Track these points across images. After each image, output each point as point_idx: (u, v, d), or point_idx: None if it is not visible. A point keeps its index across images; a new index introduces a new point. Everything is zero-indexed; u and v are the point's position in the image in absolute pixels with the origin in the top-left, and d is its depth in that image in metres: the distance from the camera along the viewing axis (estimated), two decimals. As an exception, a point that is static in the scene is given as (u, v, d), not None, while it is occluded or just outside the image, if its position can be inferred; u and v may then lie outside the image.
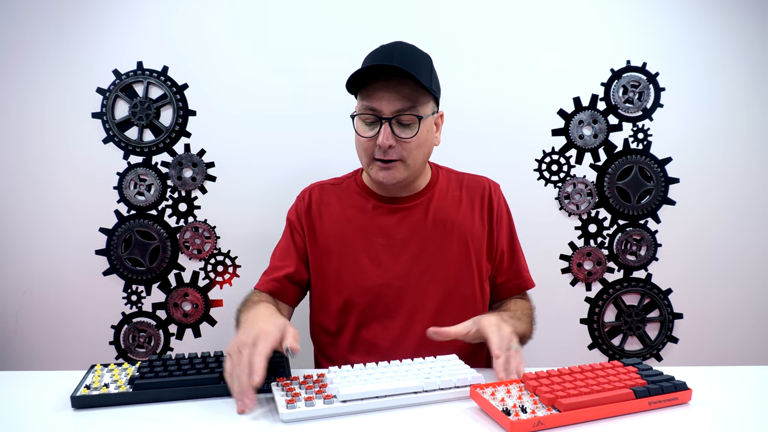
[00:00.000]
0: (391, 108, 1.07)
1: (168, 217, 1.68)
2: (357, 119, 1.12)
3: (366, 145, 1.11)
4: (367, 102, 1.09)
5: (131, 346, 1.70)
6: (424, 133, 1.11)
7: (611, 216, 1.74)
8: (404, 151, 1.10)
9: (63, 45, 1.60)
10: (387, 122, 1.07)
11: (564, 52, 1.68)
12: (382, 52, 1.11)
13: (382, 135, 1.07)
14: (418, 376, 0.87)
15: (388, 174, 1.11)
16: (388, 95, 1.06)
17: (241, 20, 1.63)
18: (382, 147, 1.08)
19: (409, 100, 1.07)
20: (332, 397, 0.81)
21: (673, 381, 0.84)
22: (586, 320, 1.77)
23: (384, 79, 1.07)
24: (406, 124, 1.09)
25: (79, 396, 0.82)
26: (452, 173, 1.30)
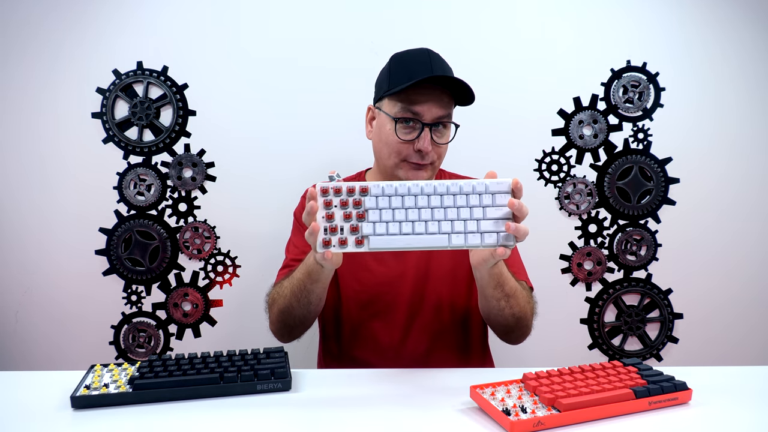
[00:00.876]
0: (433, 115, 1.10)
1: (168, 217, 1.68)
2: (397, 123, 1.12)
3: (399, 147, 1.12)
4: (410, 106, 1.10)
5: (131, 346, 1.70)
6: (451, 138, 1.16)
7: (611, 216, 1.74)
8: (436, 155, 1.13)
9: (63, 45, 1.60)
10: (428, 128, 1.10)
11: (564, 52, 1.68)
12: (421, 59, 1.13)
13: (424, 140, 1.10)
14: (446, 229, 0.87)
15: (418, 175, 1.13)
16: (431, 102, 1.10)
17: (241, 20, 1.63)
18: (424, 151, 1.10)
19: (448, 108, 1.12)
20: (363, 243, 0.86)
21: (673, 381, 0.84)
22: (586, 320, 1.77)
23: (429, 87, 1.10)
24: (442, 128, 1.13)
25: (78, 396, 0.82)
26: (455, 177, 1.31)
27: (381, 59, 1.64)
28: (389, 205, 0.87)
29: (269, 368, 0.89)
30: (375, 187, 0.88)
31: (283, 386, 0.89)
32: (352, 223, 0.87)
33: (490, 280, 1.00)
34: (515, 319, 1.08)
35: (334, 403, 0.85)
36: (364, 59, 1.63)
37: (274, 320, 1.14)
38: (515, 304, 1.05)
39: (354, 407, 0.84)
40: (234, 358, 0.93)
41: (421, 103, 1.09)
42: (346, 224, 0.87)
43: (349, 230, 0.86)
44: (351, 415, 0.81)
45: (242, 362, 0.91)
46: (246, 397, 0.86)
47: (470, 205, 0.88)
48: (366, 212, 0.87)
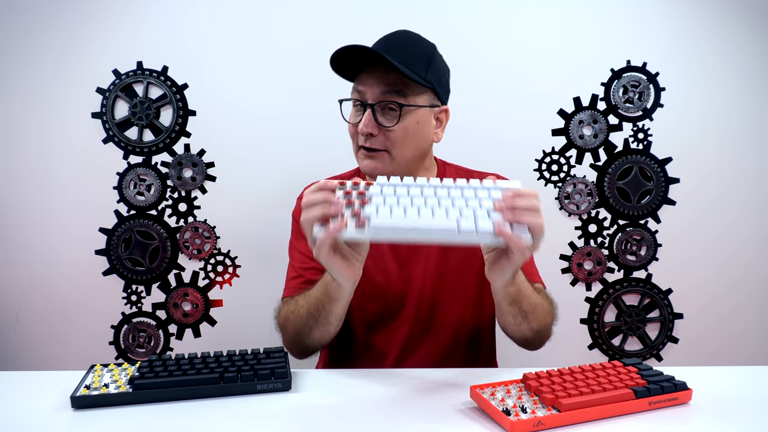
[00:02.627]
0: (375, 93, 1.04)
1: (168, 217, 1.68)
2: (348, 104, 1.09)
3: (352, 130, 1.09)
4: (356, 86, 1.07)
5: (131, 346, 1.70)
6: (412, 123, 1.06)
7: (611, 216, 1.74)
8: (388, 141, 1.05)
9: (63, 45, 1.60)
10: (370, 108, 1.04)
11: (564, 52, 1.68)
12: (380, 40, 1.10)
13: (363, 121, 1.04)
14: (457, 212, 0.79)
15: (371, 163, 1.07)
16: (372, 80, 1.04)
17: (241, 20, 1.63)
18: (362, 133, 1.05)
19: (395, 86, 1.03)
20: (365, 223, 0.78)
21: (673, 381, 0.84)
22: (586, 320, 1.77)
23: (373, 66, 1.05)
24: (391, 111, 1.05)
25: (78, 396, 0.82)
26: (460, 170, 1.25)
27: (381, 59, 1.65)
28: (394, 193, 0.82)
29: (269, 368, 0.89)
30: (381, 178, 0.85)
31: (283, 386, 0.88)
32: (354, 208, 0.80)
33: (506, 297, 0.93)
34: (534, 333, 1.02)
35: (334, 403, 0.85)
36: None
37: (290, 340, 1.07)
38: (534, 319, 0.99)
39: (354, 407, 0.84)
40: (234, 358, 0.93)
41: (364, 81, 1.05)
42: (348, 210, 0.80)
43: (351, 214, 0.80)
44: (351, 415, 0.81)
45: (242, 362, 0.91)
46: (246, 397, 0.86)
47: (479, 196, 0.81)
48: (370, 198, 0.81)
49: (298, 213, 1.23)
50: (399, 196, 0.82)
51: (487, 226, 0.77)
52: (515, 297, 0.93)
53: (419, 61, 1.05)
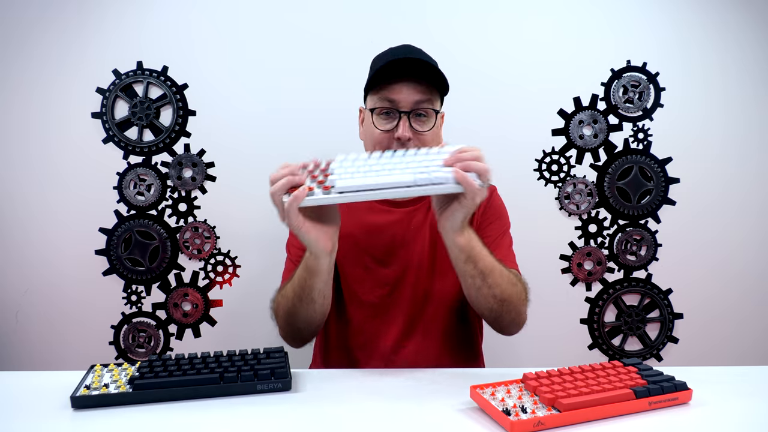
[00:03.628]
0: (411, 100, 1.09)
1: (168, 217, 1.68)
2: (374, 114, 1.12)
3: (381, 138, 1.11)
4: (386, 95, 1.10)
5: (131, 346, 1.70)
6: (437, 127, 1.14)
7: (611, 216, 1.74)
8: (421, 144, 1.10)
9: (63, 45, 1.60)
10: (405, 115, 1.09)
11: (564, 51, 1.68)
12: (398, 50, 1.15)
13: (401, 128, 1.09)
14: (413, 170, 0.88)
15: None
16: (407, 88, 1.09)
17: (241, 20, 1.63)
18: (402, 139, 1.09)
19: (427, 94, 1.10)
20: (330, 188, 0.87)
21: (673, 381, 0.84)
22: (586, 320, 1.77)
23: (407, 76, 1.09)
24: (423, 117, 1.11)
25: (78, 396, 0.82)
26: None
27: (381, 59, 1.65)
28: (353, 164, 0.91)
29: (269, 368, 0.89)
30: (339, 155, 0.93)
31: (283, 386, 0.88)
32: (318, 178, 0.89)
33: (460, 253, 0.95)
34: (498, 302, 1.01)
35: (334, 403, 0.85)
36: (364, 59, 1.63)
37: (282, 325, 1.11)
38: (494, 283, 0.99)
39: (354, 407, 0.84)
40: (234, 358, 0.93)
41: (396, 90, 1.09)
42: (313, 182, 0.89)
43: (317, 184, 0.89)
44: (351, 415, 0.81)
45: (242, 362, 0.91)
46: (246, 397, 0.86)
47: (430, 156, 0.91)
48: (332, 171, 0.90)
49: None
50: (358, 165, 0.91)
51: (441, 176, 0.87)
52: (469, 253, 0.96)
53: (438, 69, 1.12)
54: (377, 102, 1.12)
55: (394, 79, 1.10)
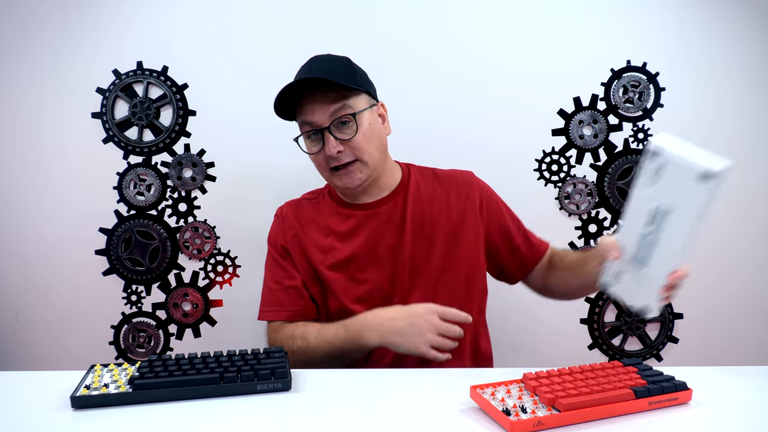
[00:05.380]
0: (325, 116, 1.11)
1: (168, 217, 1.68)
2: (303, 139, 1.16)
3: (317, 159, 1.15)
4: (302, 118, 1.13)
5: (131, 346, 1.70)
6: (366, 127, 1.13)
7: (611, 216, 1.74)
8: (355, 151, 1.12)
9: (63, 45, 1.60)
10: (327, 130, 1.10)
11: (564, 52, 1.68)
12: (300, 71, 1.17)
13: (327, 145, 1.11)
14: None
15: (350, 178, 1.14)
16: (317, 106, 1.11)
17: (241, 20, 1.63)
18: (331, 155, 1.11)
19: (338, 102, 1.10)
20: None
21: (673, 381, 0.84)
22: (586, 320, 1.77)
23: (310, 95, 1.11)
24: (344, 124, 1.11)
25: (78, 396, 0.82)
26: (424, 169, 1.29)
27: (381, 59, 1.65)
28: None
29: (269, 368, 0.89)
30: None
31: (283, 386, 0.88)
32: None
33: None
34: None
35: (334, 403, 0.85)
36: (363, 59, 1.63)
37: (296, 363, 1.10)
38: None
39: (354, 407, 0.84)
40: (234, 358, 0.93)
41: (310, 110, 1.11)
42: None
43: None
44: (351, 415, 0.81)
45: (242, 362, 0.91)
46: (246, 397, 0.86)
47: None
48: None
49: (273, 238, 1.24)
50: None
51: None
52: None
53: (345, 72, 1.14)
54: (300, 127, 1.16)
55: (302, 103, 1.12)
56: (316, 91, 1.10)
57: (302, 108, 1.13)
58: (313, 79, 1.09)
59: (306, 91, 1.11)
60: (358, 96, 1.13)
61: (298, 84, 1.10)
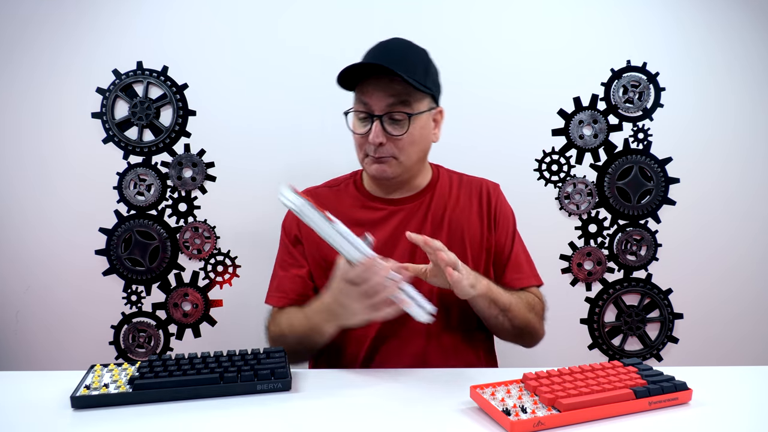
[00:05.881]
0: (382, 105, 1.07)
1: (168, 217, 1.68)
2: (352, 115, 1.12)
3: (359, 141, 1.12)
4: (360, 97, 1.10)
5: (131, 346, 1.70)
6: (417, 130, 1.11)
7: (611, 216, 1.74)
8: (396, 149, 1.10)
9: (62, 45, 1.60)
10: (378, 119, 1.07)
11: (564, 52, 1.68)
12: (377, 49, 1.12)
13: (372, 132, 1.07)
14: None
15: (380, 168, 1.11)
16: (378, 92, 1.07)
17: (241, 20, 1.63)
18: (373, 144, 1.08)
19: (400, 97, 1.07)
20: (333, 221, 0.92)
21: (673, 381, 0.84)
22: (586, 320, 1.77)
23: (376, 77, 1.07)
24: (397, 121, 1.09)
25: (78, 396, 0.82)
26: (452, 174, 1.29)
27: (381, 59, 1.64)
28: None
29: (269, 368, 0.89)
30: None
31: (283, 386, 0.88)
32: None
33: (483, 303, 1.04)
34: (518, 329, 1.11)
35: (334, 403, 0.85)
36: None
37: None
38: (513, 316, 1.09)
39: (354, 407, 0.84)
40: (234, 358, 0.93)
41: (370, 94, 1.08)
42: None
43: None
44: (351, 414, 0.81)
45: (242, 362, 0.91)
46: (246, 397, 0.86)
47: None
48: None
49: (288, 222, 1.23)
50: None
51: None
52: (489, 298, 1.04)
53: (419, 69, 1.09)
54: (355, 103, 1.12)
55: (367, 83, 1.08)
56: (383, 77, 1.06)
57: (364, 86, 1.08)
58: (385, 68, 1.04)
59: (373, 72, 1.07)
60: (422, 97, 1.10)
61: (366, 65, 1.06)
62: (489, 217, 1.22)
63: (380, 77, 1.07)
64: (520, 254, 1.25)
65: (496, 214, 1.23)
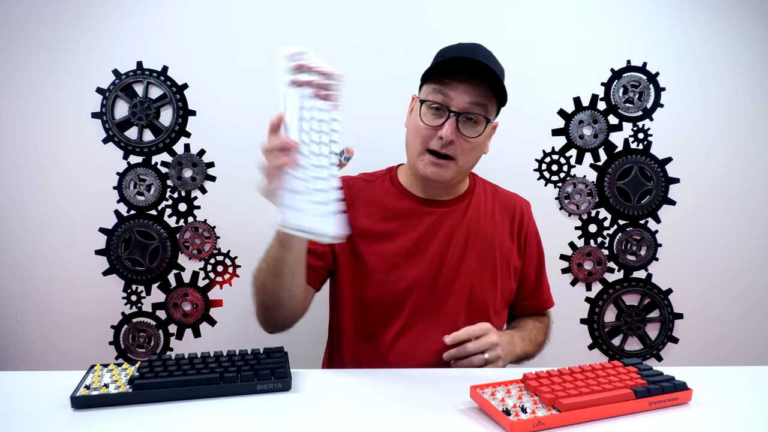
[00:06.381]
0: (464, 102, 1.06)
1: (168, 217, 1.67)
2: (423, 106, 1.10)
3: (425, 132, 1.09)
4: (440, 88, 1.07)
5: (131, 346, 1.70)
6: (482, 137, 1.11)
7: (611, 216, 1.74)
8: (460, 150, 1.09)
9: (62, 45, 1.60)
10: (455, 116, 1.06)
11: (564, 51, 1.68)
12: (465, 48, 1.10)
13: (447, 128, 1.06)
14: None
15: (437, 171, 1.10)
16: (464, 88, 1.06)
17: (241, 20, 1.63)
18: (444, 140, 1.06)
19: (482, 99, 1.07)
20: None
21: (673, 381, 0.84)
22: (586, 320, 1.77)
23: (465, 76, 1.06)
24: (472, 122, 1.08)
25: (78, 396, 0.82)
26: (487, 184, 1.30)
27: (381, 59, 1.65)
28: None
29: (269, 368, 0.89)
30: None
31: (283, 386, 0.88)
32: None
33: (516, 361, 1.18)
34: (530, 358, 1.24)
35: (334, 403, 0.85)
36: (364, 59, 1.63)
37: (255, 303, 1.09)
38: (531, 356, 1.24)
39: (354, 407, 0.84)
40: (234, 358, 0.93)
41: (452, 87, 1.06)
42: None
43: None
44: (351, 415, 0.81)
45: (242, 362, 0.91)
46: (246, 397, 0.86)
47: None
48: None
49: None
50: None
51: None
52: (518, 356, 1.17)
53: (502, 80, 1.09)
54: (430, 94, 1.09)
55: (453, 75, 1.06)
56: (472, 77, 1.05)
57: (449, 82, 1.06)
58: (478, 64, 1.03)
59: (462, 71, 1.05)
60: (494, 106, 1.10)
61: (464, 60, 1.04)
62: (519, 239, 1.23)
63: (469, 78, 1.05)
64: (544, 281, 1.29)
65: (526, 237, 1.24)
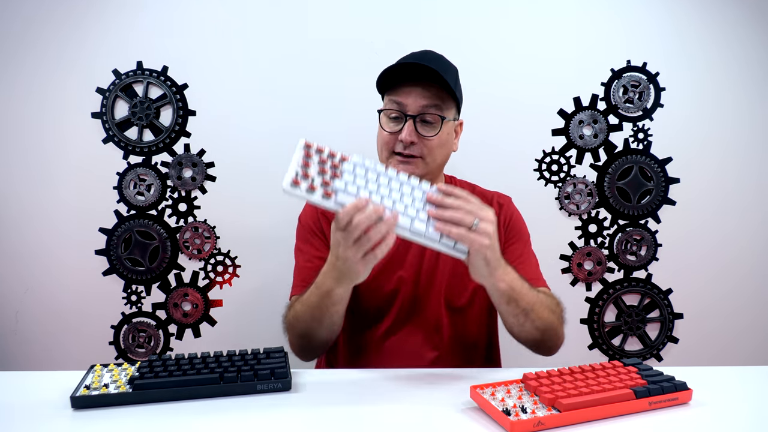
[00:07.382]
0: (418, 105, 1.11)
1: (168, 217, 1.67)
2: (382, 114, 1.16)
3: (387, 139, 1.14)
4: (394, 97, 1.13)
5: (131, 346, 1.70)
6: (445, 135, 1.15)
7: (611, 216, 1.74)
8: (425, 149, 1.13)
9: (62, 45, 1.60)
10: (411, 119, 1.11)
11: (564, 52, 1.68)
12: (415, 56, 1.17)
13: (405, 131, 1.11)
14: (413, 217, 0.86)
15: (407, 168, 1.13)
16: (415, 92, 1.11)
17: (241, 20, 1.63)
18: (404, 142, 1.11)
19: (434, 100, 1.11)
20: (331, 195, 0.85)
21: (673, 381, 0.84)
22: (586, 320, 1.77)
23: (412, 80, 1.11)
24: (429, 123, 1.12)
25: (78, 396, 0.82)
26: (465, 184, 1.30)
27: (381, 59, 1.64)
28: (365, 175, 0.88)
29: (269, 368, 0.89)
30: (356, 156, 0.89)
31: (283, 386, 0.88)
32: (325, 177, 0.86)
33: (501, 297, 0.95)
34: (540, 332, 1.04)
35: (334, 403, 0.85)
36: (364, 59, 1.63)
37: (295, 344, 1.10)
38: (536, 317, 1.00)
39: (354, 407, 0.84)
40: (234, 358, 0.93)
41: (406, 93, 1.11)
42: (319, 177, 0.86)
43: (321, 182, 0.86)
44: (351, 415, 0.81)
45: (242, 362, 0.91)
46: (246, 397, 0.86)
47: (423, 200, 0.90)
48: (341, 173, 0.87)
49: (305, 217, 1.24)
50: (368, 180, 0.88)
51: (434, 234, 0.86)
52: (510, 295, 0.95)
53: (452, 77, 1.14)
54: (387, 103, 1.16)
55: (403, 83, 1.12)
56: (420, 82, 1.11)
57: (400, 89, 1.12)
58: (424, 68, 1.08)
59: (411, 77, 1.11)
60: (451, 105, 1.15)
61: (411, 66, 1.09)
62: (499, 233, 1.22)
63: (418, 82, 1.11)
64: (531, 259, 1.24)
65: (508, 228, 1.24)
